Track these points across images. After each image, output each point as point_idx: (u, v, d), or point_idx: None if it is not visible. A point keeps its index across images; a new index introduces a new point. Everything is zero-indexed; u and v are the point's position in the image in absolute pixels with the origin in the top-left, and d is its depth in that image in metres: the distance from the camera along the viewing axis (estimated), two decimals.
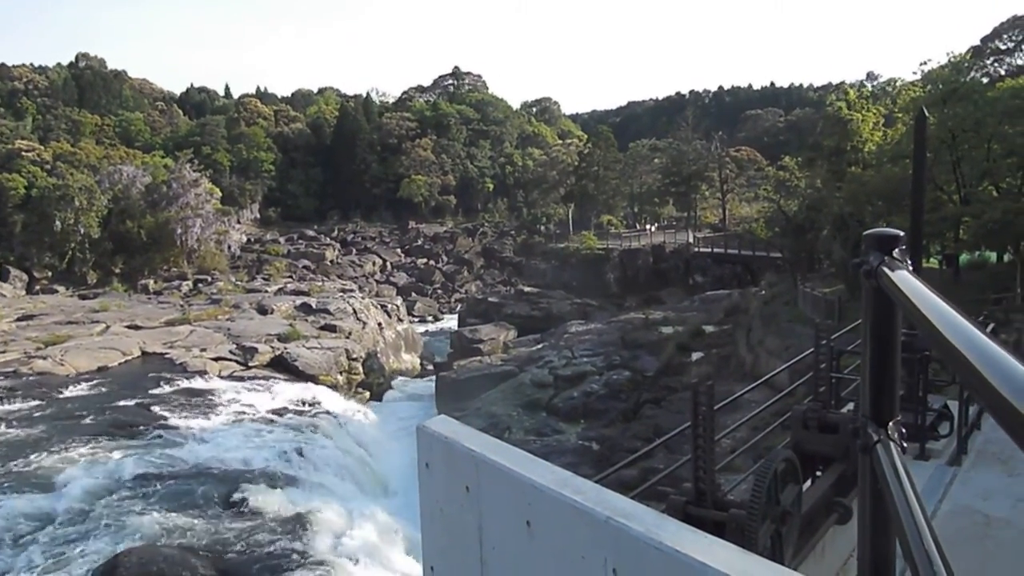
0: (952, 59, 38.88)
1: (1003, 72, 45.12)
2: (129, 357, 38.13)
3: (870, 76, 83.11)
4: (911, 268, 1.57)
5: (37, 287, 61.03)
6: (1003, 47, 47.85)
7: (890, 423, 1.67)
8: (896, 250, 1.65)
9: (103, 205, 64.14)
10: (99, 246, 63.86)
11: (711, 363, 30.92)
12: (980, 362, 0.91)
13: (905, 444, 1.65)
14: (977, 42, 48.23)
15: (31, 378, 34.00)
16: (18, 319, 46.45)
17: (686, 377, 28.87)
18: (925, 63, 39.54)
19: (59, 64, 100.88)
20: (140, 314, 48.18)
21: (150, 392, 32.28)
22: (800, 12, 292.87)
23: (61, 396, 31.76)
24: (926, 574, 1.17)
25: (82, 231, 62.15)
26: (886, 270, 1.58)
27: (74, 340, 39.93)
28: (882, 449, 1.59)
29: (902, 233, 1.70)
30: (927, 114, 8.99)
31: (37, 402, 30.76)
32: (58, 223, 61.15)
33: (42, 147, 70.04)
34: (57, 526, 20.29)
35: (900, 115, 38.56)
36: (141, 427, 28.03)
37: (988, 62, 46.99)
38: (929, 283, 1.40)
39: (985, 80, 40.92)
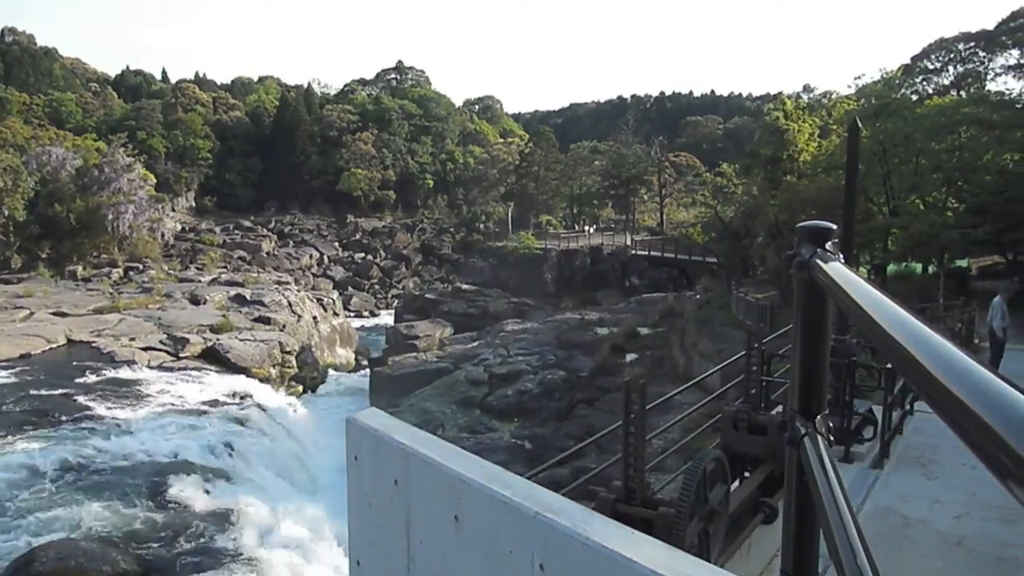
0: (885, 75, 40.08)
1: (931, 91, 46.63)
2: (54, 345, 36.95)
3: (806, 88, 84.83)
4: (843, 260, 1.59)
5: None
6: (931, 67, 49.45)
7: (818, 417, 1.69)
8: (829, 242, 1.67)
9: (30, 187, 61.89)
10: (24, 230, 61.65)
11: (645, 365, 31.27)
12: (913, 345, 0.91)
13: (831, 440, 1.68)
14: (908, 60, 49.77)
15: None
16: None
17: (620, 378, 29.09)
18: (859, 78, 40.74)
19: None
20: (67, 301, 46.72)
21: (75, 381, 31.35)
22: (740, 23, 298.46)
23: None
24: (849, 566, 1.18)
25: (6, 213, 59.86)
26: (819, 262, 1.60)
27: None
28: (809, 442, 1.61)
29: (835, 226, 1.72)
30: (860, 126, 9.21)
31: None
32: None
33: None
34: None
35: (835, 127, 39.49)
36: (64, 417, 27.20)
37: (917, 80, 48.50)
38: None
39: (914, 97, 42.21)
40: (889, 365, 7.54)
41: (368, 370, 41.12)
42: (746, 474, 5.66)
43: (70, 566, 16.98)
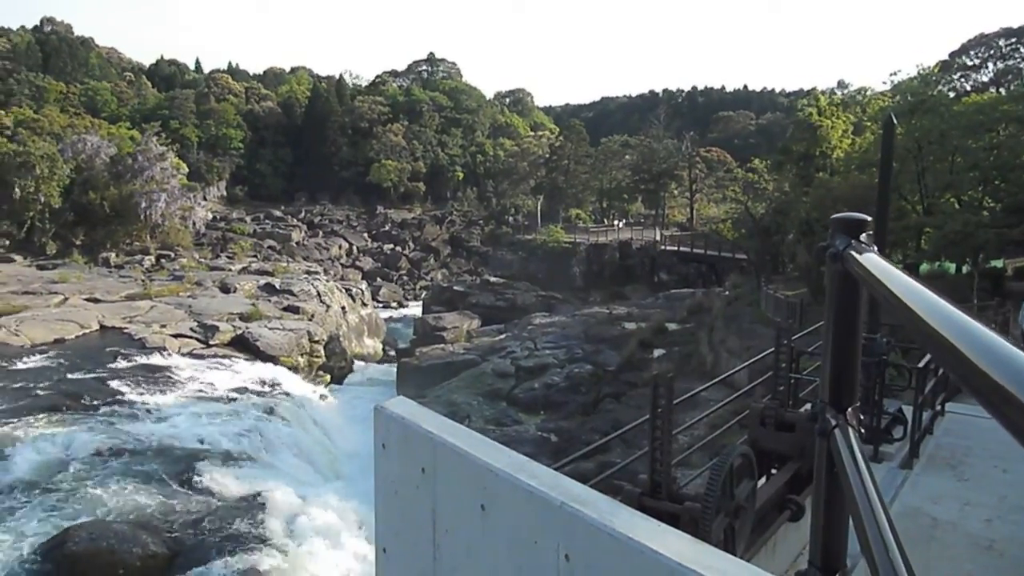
0: (921, 72, 39.50)
1: (969, 87, 45.91)
2: (87, 330, 37.48)
3: (841, 84, 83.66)
4: (878, 251, 1.58)
5: None
6: (970, 63, 48.68)
7: (849, 409, 1.67)
8: (864, 234, 1.65)
9: (65, 174, 62.80)
10: (60, 216, 62.61)
11: (672, 360, 31.11)
12: (953, 333, 0.90)
13: (862, 432, 1.67)
14: (946, 57, 49.03)
15: None
16: None
17: (647, 373, 29.00)
18: (895, 74, 40.20)
19: (23, 27, 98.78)
20: (100, 287, 47.38)
21: (107, 367, 31.78)
22: (775, 18, 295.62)
23: (14, 367, 31.14)
24: (880, 557, 1.18)
25: (42, 200, 60.83)
26: (853, 253, 1.58)
27: (30, 311, 39.16)
28: (840, 434, 1.60)
29: (869, 218, 1.70)
30: (895, 123, 9.08)
31: None
32: (17, 191, 59.78)
33: (3, 112, 68.53)
34: (4, 499, 19.94)
35: (869, 124, 39.02)
36: (96, 402, 27.61)
37: (955, 77, 47.78)
38: None
39: (952, 94, 41.58)
40: (920, 365, 7.46)
41: (395, 361, 41.28)
42: (773, 471, 5.62)
43: (102, 547, 17.29)
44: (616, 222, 76.49)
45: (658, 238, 63.90)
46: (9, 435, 23.87)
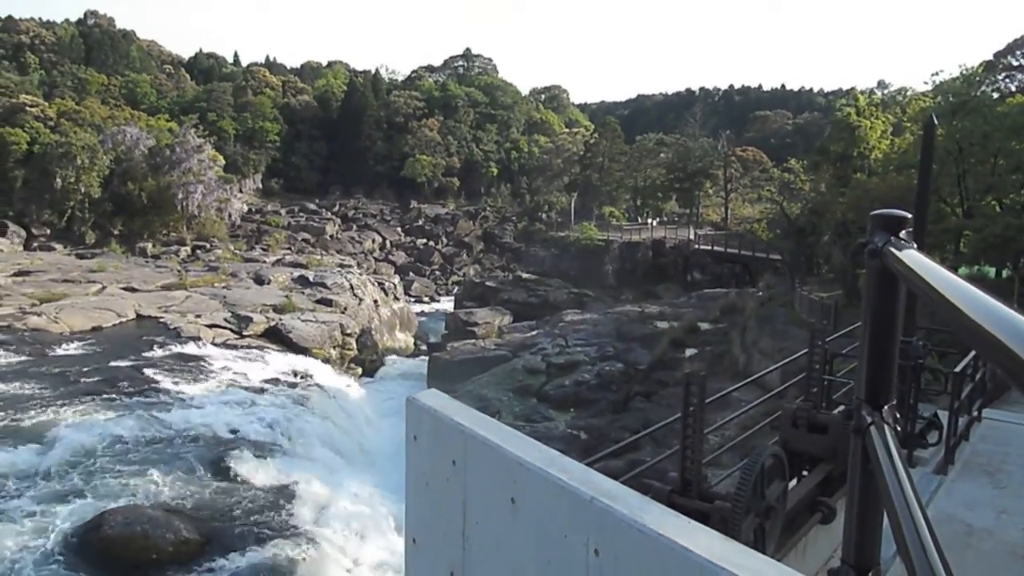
0: (964, 72, 38.77)
1: (1014, 88, 44.92)
2: (124, 319, 38.09)
3: (881, 84, 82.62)
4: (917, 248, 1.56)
5: (35, 244, 60.93)
6: (1015, 63, 47.61)
7: (885, 407, 1.66)
8: (903, 231, 1.63)
9: (105, 165, 63.87)
10: (99, 206, 63.69)
11: (704, 360, 30.91)
12: (997, 327, 0.89)
13: (898, 430, 1.64)
14: (990, 57, 48.04)
15: (25, 334, 33.98)
16: (14, 274, 46.35)
17: (678, 372, 28.82)
18: (937, 74, 39.52)
19: (67, 20, 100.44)
20: (137, 277, 48.13)
21: (143, 355, 32.28)
22: (814, 16, 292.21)
23: (54, 354, 31.75)
24: (916, 552, 1.17)
25: (83, 190, 61.93)
26: (893, 249, 1.57)
27: (70, 299, 39.90)
28: (876, 432, 1.58)
29: (909, 215, 1.68)
30: (936, 123, 8.94)
31: (30, 358, 30.76)
32: (59, 181, 60.92)
33: (46, 103, 69.69)
34: (44, 482, 20.35)
35: (909, 124, 38.42)
36: (132, 389, 28.05)
37: (1000, 77, 46.77)
38: None
39: (996, 95, 40.78)
40: (957, 369, 7.35)
41: (427, 355, 41.43)
42: (804, 473, 5.57)
43: (136, 531, 17.60)
44: (650, 220, 76.08)
45: (692, 237, 63.45)
46: (48, 420, 24.37)
